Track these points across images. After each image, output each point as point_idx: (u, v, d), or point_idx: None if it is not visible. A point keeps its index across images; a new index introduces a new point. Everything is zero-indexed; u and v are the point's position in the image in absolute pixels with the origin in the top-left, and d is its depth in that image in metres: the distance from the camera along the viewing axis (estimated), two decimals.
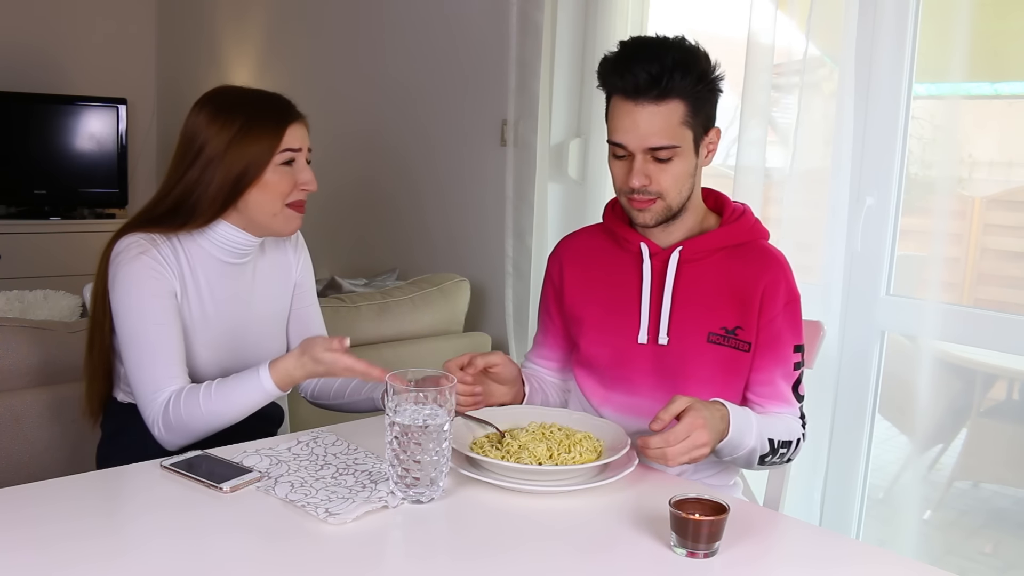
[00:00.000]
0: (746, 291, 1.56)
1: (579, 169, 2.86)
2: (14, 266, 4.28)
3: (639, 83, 1.45)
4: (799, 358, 1.59)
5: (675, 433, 1.33)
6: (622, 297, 1.63)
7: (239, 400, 1.53)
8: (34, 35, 4.67)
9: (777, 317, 1.56)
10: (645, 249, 1.60)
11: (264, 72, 4.22)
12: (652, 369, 1.59)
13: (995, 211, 2.28)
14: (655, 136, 1.47)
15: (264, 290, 1.75)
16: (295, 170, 1.64)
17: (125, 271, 1.57)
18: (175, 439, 1.54)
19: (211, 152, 1.59)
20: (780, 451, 1.51)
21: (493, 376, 1.61)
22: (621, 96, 1.49)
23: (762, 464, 1.52)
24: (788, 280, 1.59)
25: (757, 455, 1.49)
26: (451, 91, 3.25)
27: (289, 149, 1.62)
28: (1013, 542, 2.26)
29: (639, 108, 1.47)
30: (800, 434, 1.57)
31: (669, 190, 1.52)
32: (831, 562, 1.21)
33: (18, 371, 2.00)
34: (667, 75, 1.44)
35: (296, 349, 1.54)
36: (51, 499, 1.25)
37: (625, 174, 1.52)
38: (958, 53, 2.00)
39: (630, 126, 1.48)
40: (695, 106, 1.49)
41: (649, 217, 1.55)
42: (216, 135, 1.59)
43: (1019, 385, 2.30)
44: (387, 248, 3.59)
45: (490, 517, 1.27)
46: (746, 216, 1.62)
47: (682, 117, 1.48)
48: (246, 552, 1.14)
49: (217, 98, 1.64)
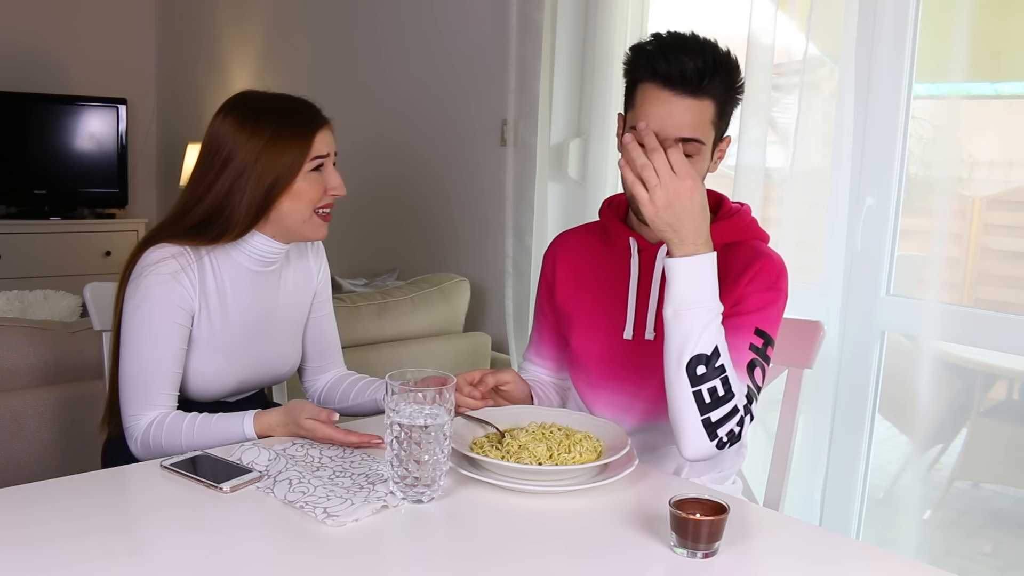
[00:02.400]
0: (733, 276, 1.50)
1: (579, 169, 2.86)
2: (14, 266, 4.28)
3: (685, 73, 1.43)
4: (759, 343, 1.47)
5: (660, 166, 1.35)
6: (611, 293, 1.62)
7: (217, 441, 1.52)
8: (34, 35, 4.67)
9: (753, 295, 1.48)
10: (634, 244, 1.59)
11: (264, 72, 4.22)
12: (637, 365, 1.58)
13: (995, 211, 2.28)
14: (688, 128, 1.45)
15: (286, 298, 1.74)
16: (324, 175, 1.63)
17: (149, 288, 1.55)
18: (149, 457, 1.53)
19: (241, 161, 1.57)
20: (715, 375, 1.37)
21: (504, 394, 1.61)
22: (659, 84, 1.45)
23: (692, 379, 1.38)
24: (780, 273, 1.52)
25: (689, 351, 1.36)
26: (451, 91, 3.25)
27: (319, 156, 1.60)
28: (1013, 542, 2.26)
29: (677, 99, 1.45)
30: (740, 403, 1.41)
31: None
32: (831, 562, 1.21)
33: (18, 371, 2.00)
34: (709, 73, 1.44)
35: (283, 408, 1.53)
36: (51, 499, 1.25)
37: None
38: (958, 53, 2.00)
39: (664, 115, 1.45)
40: (723, 109, 1.49)
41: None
42: (245, 143, 1.57)
43: (1019, 385, 2.30)
44: (387, 248, 3.59)
45: (490, 517, 1.27)
46: (741, 215, 1.58)
47: (712, 116, 1.47)
48: (246, 552, 1.14)
49: (243, 105, 1.62)
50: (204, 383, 1.64)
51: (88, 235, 4.55)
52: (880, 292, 2.21)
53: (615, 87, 2.70)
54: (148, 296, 1.55)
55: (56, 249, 4.45)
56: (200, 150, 1.63)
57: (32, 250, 4.40)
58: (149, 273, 1.56)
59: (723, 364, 1.39)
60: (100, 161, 4.66)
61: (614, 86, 2.69)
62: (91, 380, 2.06)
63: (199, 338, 1.62)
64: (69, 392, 2.02)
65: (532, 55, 2.76)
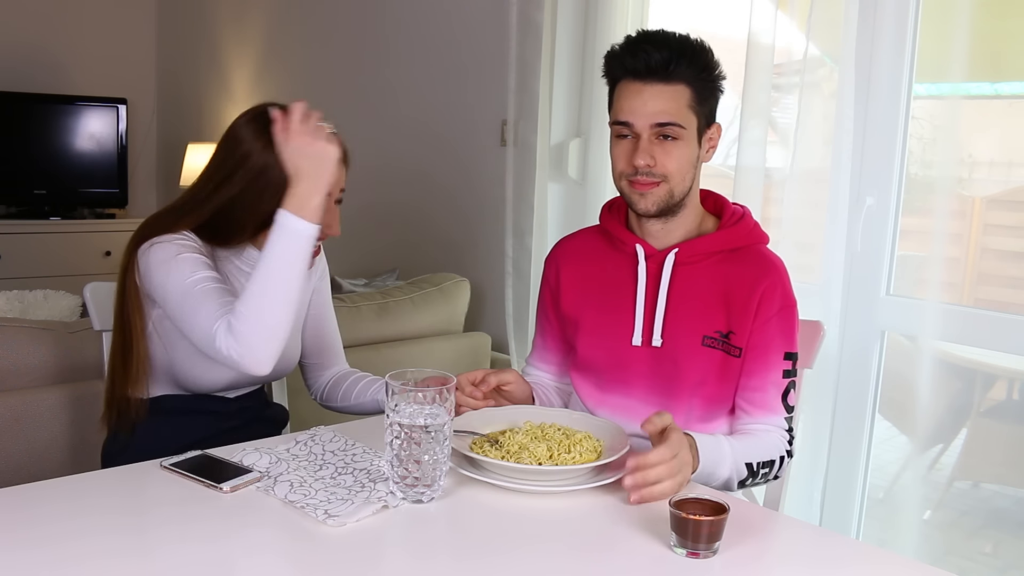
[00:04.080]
0: (741, 296, 1.54)
1: (579, 169, 2.86)
2: (14, 266, 4.28)
3: (650, 63, 1.48)
4: (790, 366, 1.55)
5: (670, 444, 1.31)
6: (617, 299, 1.62)
7: (278, 258, 1.44)
8: (34, 35, 4.67)
9: (770, 322, 1.54)
10: (641, 251, 1.59)
11: (264, 72, 4.22)
12: (646, 371, 1.58)
13: (995, 211, 2.28)
14: (663, 113, 1.49)
15: None
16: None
17: (160, 247, 1.54)
18: (252, 344, 1.45)
19: (254, 165, 1.54)
20: (762, 472, 1.48)
21: (505, 394, 1.61)
22: (630, 78, 1.51)
23: (743, 487, 1.50)
24: (785, 286, 1.57)
25: (735, 483, 1.46)
26: (451, 91, 3.25)
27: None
28: (1013, 542, 2.26)
29: (648, 87, 1.49)
30: (784, 451, 1.53)
31: (673, 173, 1.51)
32: (831, 562, 1.21)
33: (18, 371, 2.00)
34: (675, 59, 1.48)
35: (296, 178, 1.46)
36: (51, 499, 1.25)
37: (629, 154, 1.53)
38: (958, 53, 2.00)
39: (639, 105, 1.50)
40: (700, 94, 1.52)
41: (651, 202, 1.53)
42: (262, 150, 1.54)
43: (1019, 385, 2.30)
44: (387, 248, 3.59)
45: (490, 517, 1.27)
46: (745, 220, 1.61)
47: (688, 101, 1.51)
48: (246, 552, 1.14)
49: (264, 116, 1.57)
50: (200, 373, 1.63)
51: (88, 235, 4.54)
52: (880, 292, 2.21)
53: None
54: (165, 250, 1.53)
55: (56, 249, 4.45)
56: (216, 148, 1.61)
57: (32, 250, 4.40)
58: (158, 243, 1.54)
59: (760, 461, 1.48)
60: (100, 161, 4.66)
61: None
62: (91, 380, 2.05)
63: None
64: (69, 392, 2.02)
65: (532, 55, 2.76)
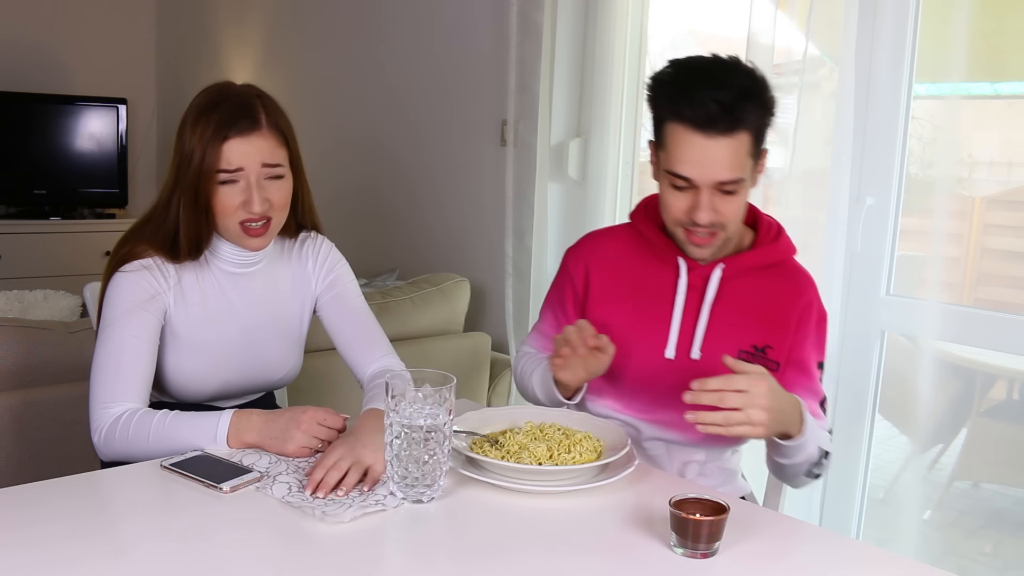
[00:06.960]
0: (781, 310, 1.54)
1: (579, 169, 2.86)
2: (14, 266, 4.28)
3: (711, 114, 1.36)
4: (821, 375, 1.58)
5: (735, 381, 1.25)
6: (651, 308, 1.58)
7: (184, 436, 1.43)
8: (34, 35, 4.67)
9: (809, 336, 1.55)
10: (683, 263, 1.56)
11: (264, 72, 4.22)
12: (679, 384, 1.55)
13: (995, 211, 2.28)
14: (726, 170, 1.40)
15: (281, 304, 1.68)
16: (239, 190, 1.49)
17: (121, 278, 1.53)
18: (111, 453, 1.47)
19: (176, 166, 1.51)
20: (822, 461, 1.47)
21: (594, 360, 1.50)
22: (689, 127, 1.39)
23: (808, 478, 1.48)
24: (819, 299, 1.59)
25: (806, 468, 1.45)
26: (451, 91, 3.25)
27: (224, 171, 1.46)
28: (1013, 542, 2.26)
29: (710, 141, 1.38)
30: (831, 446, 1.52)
31: (732, 221, 1.47)
32: (831, 562, 1.21)
33: (18, 371, 2.00)
34: (738, 105, 1.37)
35: (276, 413, 1.45)
36: (51, 499, 1.25)
37: (688, 208, 1.44)
38: (958, 53, 2.01)
39: (700, 159, 1.39)
40: (759, 135, 1.43)
41: (708, 252, 1.50)
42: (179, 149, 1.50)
43: (1019, 385, 2.30)
44: (387, 248, 3.59)
45: (490, 517, 1.27)
46: (782, 235, 1.60)
47: (749, 147, 1.41)
48: (246, 552, 1.14)
49: (193, 102, 1.51)
50: (185, 382, 1.61)
51: (88, 235, 4.54)
52: (880, 292, 2.21)
53: (615, 87, 2.70)
54: (120, 287, 1.52)
55: (56, 249, 4.44)
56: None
57: (32, 250, 4.39)
58: (125, 269, 1.53)
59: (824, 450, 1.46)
60: (100, 161, 4.65)
61: (614, 86, 2.69)
62: None
63: (177, 334, 1.58)
64: (69, 392, 2.02)
65: (532, 55, 2.76)
